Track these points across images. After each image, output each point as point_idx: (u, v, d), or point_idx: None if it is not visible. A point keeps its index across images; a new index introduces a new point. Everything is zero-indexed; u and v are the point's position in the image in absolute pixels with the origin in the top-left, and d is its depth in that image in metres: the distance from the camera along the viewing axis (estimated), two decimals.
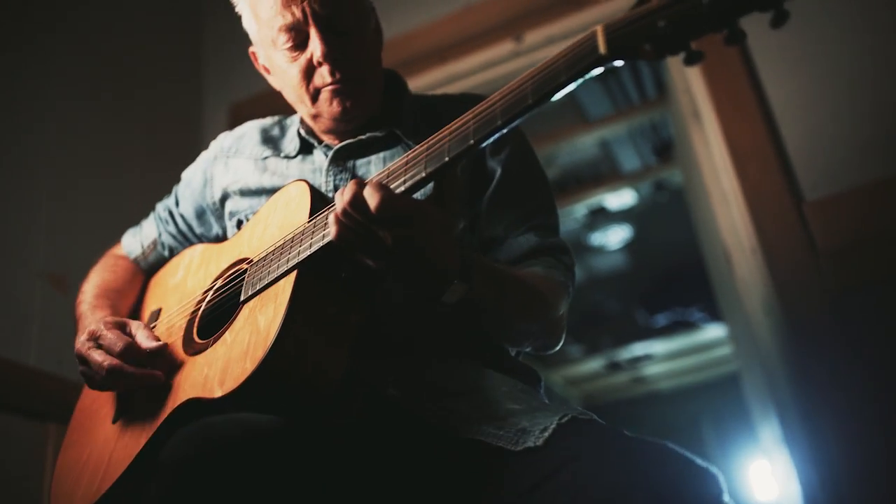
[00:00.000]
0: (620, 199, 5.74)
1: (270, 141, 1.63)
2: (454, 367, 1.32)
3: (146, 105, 3.05)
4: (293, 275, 1.20)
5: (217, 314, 1.37)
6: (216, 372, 1.20)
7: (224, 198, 1.62)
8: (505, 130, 1.05)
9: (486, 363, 1.36)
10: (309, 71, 1.43)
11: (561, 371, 8.47)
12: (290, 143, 1.59)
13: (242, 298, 1.28)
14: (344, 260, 1.18)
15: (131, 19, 3.10)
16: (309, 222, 1.24)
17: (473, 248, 1.46)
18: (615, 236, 6.27)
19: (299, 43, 1.41)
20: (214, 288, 1.42)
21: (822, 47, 2.34)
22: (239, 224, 1.57)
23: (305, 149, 1.57)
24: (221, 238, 1.66)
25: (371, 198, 1.07)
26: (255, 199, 1.56)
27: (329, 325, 1.20)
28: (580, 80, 0.98)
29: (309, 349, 1.17)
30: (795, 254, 2.20)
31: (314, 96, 1.45)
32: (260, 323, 1.19)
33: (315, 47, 1.39)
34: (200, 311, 1.41)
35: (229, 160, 1.65)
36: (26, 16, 2.57)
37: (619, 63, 0.95)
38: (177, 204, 1.74)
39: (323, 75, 1.41)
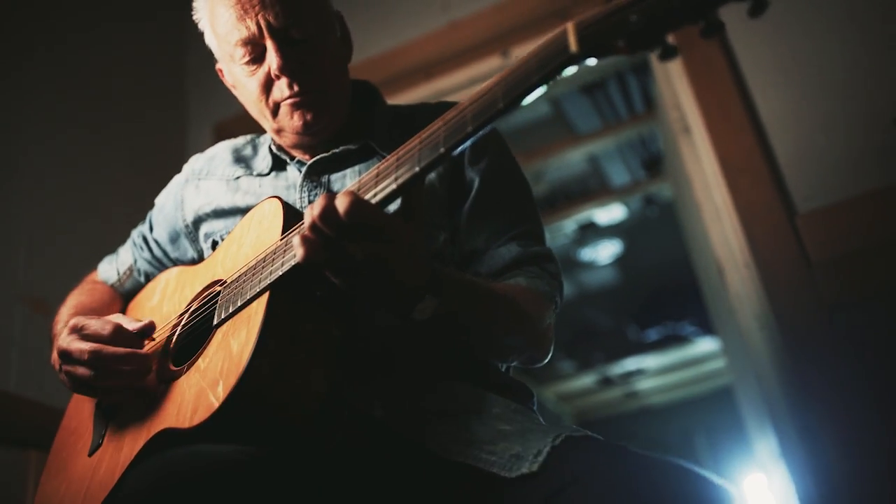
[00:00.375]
0: (610, 213, 5.74)
1: (242, 160, 1.59)
2: (443, 386, 1.28)
3: (129, 126, 3.02)
4: (265, 296, 1.15)
5: (192, 338, 1.33)
6: (189, 400, 1.16)
7: (197, 220, 1.58)
8: (477, 136, 1.01)
9: (476, 381, 1.31)
10: (268, 84, 1.39)
11: (553, 387, 8.47)
12: (263, 161, 1.55)
13: (215, 322, 1.24)
14: (318, 276, 1.13)
15: (114, 39, 3.07)
16: (281, 240, 1.20)
17: (454, 262, 1.42)
18: (605, 251, 6.27)
19: (257, 56, 1.37)
20: (189, 311, 1.38)
21: (811, 57, 2.33)
22: (214, 245, 1.52)
23: (278, 165, 1.53)
24: (197, 261, 1.62)
25: (341, 204, 1.02)
26: (229, 219, 1.52)
27: (306, 343, 1.16)
28: (552, 81, 0.94)
29: (286, 371, 1.12)
30: (789, 266, 2.18)
31: (274, 111, 1.41)
32: (233, 348, 1.14)
33: (272, 60, 1.35)
34: (175, 337, 1.36)
35: (200, 182, 1.61)
36: (7, 36, 2.54)
37: (591, 61, 0.91)
38: (151, 229, 1.70)
39: (281, 88, 1.38)
